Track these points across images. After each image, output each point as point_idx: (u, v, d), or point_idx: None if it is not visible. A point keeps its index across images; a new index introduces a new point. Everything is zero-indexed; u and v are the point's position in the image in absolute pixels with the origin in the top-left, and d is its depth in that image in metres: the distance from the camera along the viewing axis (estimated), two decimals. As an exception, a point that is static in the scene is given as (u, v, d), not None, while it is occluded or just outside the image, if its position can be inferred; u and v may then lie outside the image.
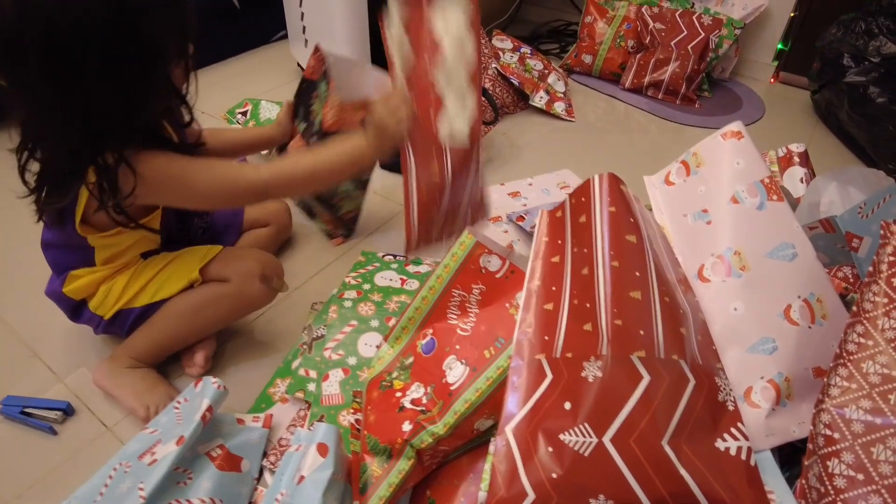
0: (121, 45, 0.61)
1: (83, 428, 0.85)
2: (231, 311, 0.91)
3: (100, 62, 0.60)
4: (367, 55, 1.45)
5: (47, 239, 0.84)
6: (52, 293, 0.87)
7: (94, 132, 0.64)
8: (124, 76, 0.63)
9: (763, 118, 1.77)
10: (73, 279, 0.84)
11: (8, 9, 0.55)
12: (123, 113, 0.65)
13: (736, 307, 0.65)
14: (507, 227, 1.25)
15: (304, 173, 0.80)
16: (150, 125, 0.70)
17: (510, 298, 0.68)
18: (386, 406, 0.69)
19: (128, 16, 0.60)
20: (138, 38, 0.62)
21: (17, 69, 0.59)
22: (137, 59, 0.63)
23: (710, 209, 0.70)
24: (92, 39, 0.59)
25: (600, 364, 0.56)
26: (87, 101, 0.62)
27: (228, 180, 0.76)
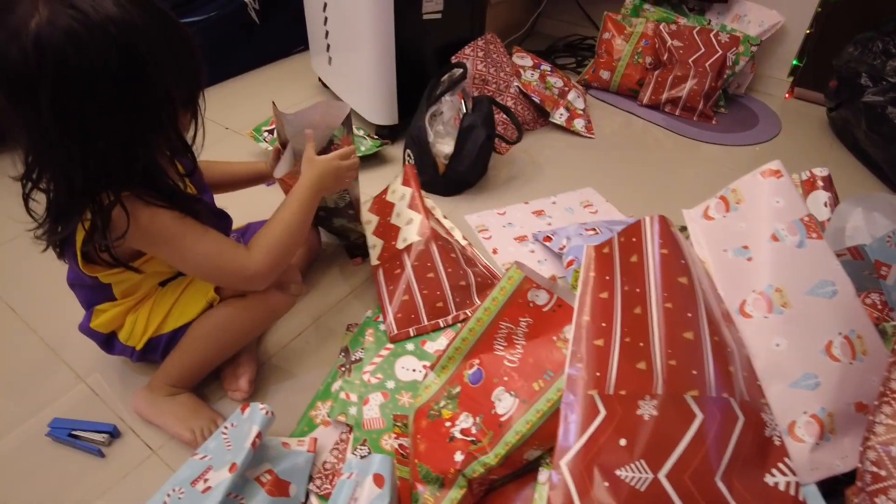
0: (129, 91, 0.62)
1: (129, 451, 0.87)
2: (255, 324, 0.93)
3: (107, 106, 0.62)
4: (393, 68, 1.47)
5: (70, 279, 0.86)
6: (84, 328, 0.90)
7: (94, 172, 0.65)
8: (130, 121, 0.64)
9: (779, 135, 1.79)
10: (98, 314, 0.87)
11: (29, 50, 0.56)
12: (125, 156, 0.66)
13: (778, 343, 0.67)
14: (534, 247, 1.27)
15: (284, 241, 0.83)
16: (151, 170, 0.71)
17: (557, 332, 0.70)
18: (436, 435, 0.71)
19: (139, 64, 0.61)
20: (147, 86, 0.64)
21: (27, 107, 0.60)
22: (144, 106, 0.65)
23: (750, 246, 0.72)
24: (102, 84, 0.60)
25: (655, 403, 0.58)
26: (91, 142, 0.63)
27: (218, 260, 0.78)
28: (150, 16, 0.63)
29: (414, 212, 1.12)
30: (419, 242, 1.06)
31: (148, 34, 0.62)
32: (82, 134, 0.62)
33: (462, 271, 1.05)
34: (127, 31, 0.60)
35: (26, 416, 0.91)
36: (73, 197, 0.67)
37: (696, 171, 1.59)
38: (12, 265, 1.19)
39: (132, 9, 0.61)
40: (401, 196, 1.17)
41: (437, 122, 1.37)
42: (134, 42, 0.60)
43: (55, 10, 0.57)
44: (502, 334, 0.73)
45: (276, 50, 2.10)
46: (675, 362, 0.59)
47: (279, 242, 0.83)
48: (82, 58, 0.58)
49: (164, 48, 0.64)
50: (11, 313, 1.08)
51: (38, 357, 1.00)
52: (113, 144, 0.64)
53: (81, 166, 0.64)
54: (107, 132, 0.63)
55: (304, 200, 0.88)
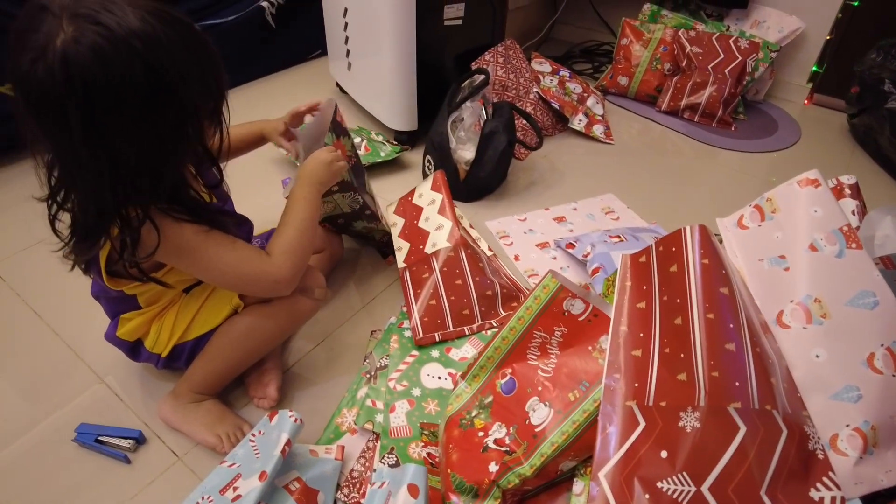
0: (156, 106, 0.62)
1: (155, 457, 0.87)
2: (280, 329, 0.92)
3: (134, 122, 0.61)
4: (414, 74, 1.48)
5: (94, 291, 0.87)
6: (110, 337, 0.90)
7: (122, 189, 0.65)
8: (157, 136, 0.64)
9: (799, 142, 1.78)
10: (123, 322, 0.87)
11: (57, 72, 0.56)
12: (153, 172, 0.66)
13: (818, 354, 0.66)
14: (556, 254, 1.26)
15: (299, 240, 0.83)
16: (177, 184, 0.71)
17: (593, 342, 0.69)
18: (469, 445, 0.71)
19: (164, 79, 0.61)
20: (173, 100, 0.63)
21: (55, 126, 0.60)
22: (171, 120, 0.64)
23: (787, 255, 0.71)
24: (129, 100, 0.60)
25: (698, 415, 0.57)
26: (120, 158, 0.63)
27: (242, 269, 0.78)
28: (173, 29, 0.62)
29: (444, 217, 1.12)
30: (449, 248, 1.07)
31: (172, 48, 0.61)
32: (111, 151, 0.62)
33: (489, 281, 1.04)
34: (151, 45, 0.59)
35: (52, 421, 0.91)
36: (101, 215, 0.66)
37: (716, 178, 1.58)
38: (37, 269, 1.19)
39: (156, 23, 0.60)
40: (430, 201, 1.17)
41: (459, 128, 1.37)
42: (159, 56, 0.60)
43: (80, 27, 0.57)
44: (536, 343, 0.73)
45: (293, 55, 2.11)
46: (718, 374, 0.58)
47: (294, 243, 0.83)
48: (109, 74, 0.57)
49: (189, 61, 0.64)
50: (36, 318, 1.08)
51: (63, 362, 1.00)
52: (141, 160, 0.64)
53: (110, 184, 0.64)
54: (135, 148, 0.63)
55: (305, 196, 0.87)
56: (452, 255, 1.06)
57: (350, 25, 1.57)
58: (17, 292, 1.14)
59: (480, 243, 1.24)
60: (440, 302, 1.04)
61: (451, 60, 1.58)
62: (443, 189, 1.17)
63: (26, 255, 1.22)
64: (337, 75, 1.84)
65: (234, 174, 0.91)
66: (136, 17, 0.59)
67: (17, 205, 1.29)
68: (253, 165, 1.53)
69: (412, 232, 1.15)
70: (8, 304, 1.11)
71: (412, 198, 1.22)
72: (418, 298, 1.05)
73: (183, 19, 0.64)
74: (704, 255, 0.64)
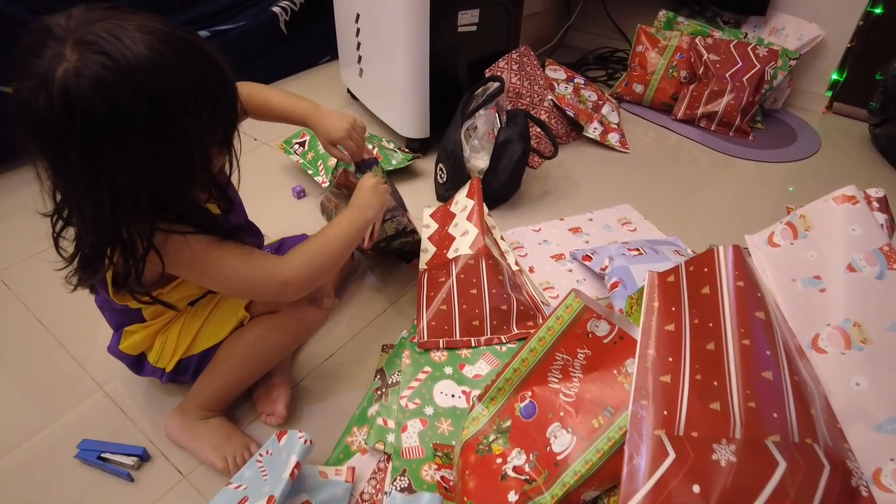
0: (161, 138, 0.59)
1: (159, 475, 0.84)
2: (287, 341, 0.89)
3: (138, 154, 0.58)
4: (426, 81, 1.45)
5: (99, 302, 0.84)
6: (113, 350, 0.87)
7: (123, 219, 0.62)
8: (162, 168, 0.61)
9: (819, 152, 1.74)
10: (127, 335, 0.84)
11: (57, 105, 0.53)
12: (156, 204, 0.63)
13: (858, 382, 0.62)
14: (572, 266, 1.23)
15: (321, 251, 0.80)
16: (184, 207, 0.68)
17: (618, 365, 0.66)
18: (486, 472, 0.67)
19: (170, 111, 0.58)
20: (179, 132, 0.60)
21: (55, 155, 0.58)
22: (177, 152, 0.61)
23: (823, 276, 0.67)
24: (132, 133, 0.57)
25: (733, 448, 0.54)
26: (121, 190, 0.60)
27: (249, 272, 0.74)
28: (183, 57, 0.58)
29: (471, 224, 1.10)
30: (469, 256, 1.04)
31: (181, 78, 0.58)
32: (112, 183, 0.59)
33: (506, 295, 1.01)
34: (158, 77, 0.56)
35: (53, 434, 0.88)
36: (102, 243, 0.64)
37: (734, 188, 1.54)
38: (42, 277, 1.17)
39: (165, 50, 0.56)
40: (462, 207, 1.16)
41: (472, 136, 1.34)
42: (165, 88, 0.57)
43: (83, 56, 0.54)
44: (558, 366, 0.69)
45: (303, 60, 2.09)
46: (755, 404, 0.55)
47: (316, 252, 0.79)
48: (111, 107, 0.54)
49: (199, 90, 0.60)
50: (40, 327, 1.06)
51: (67, 372, 0.98)
52: (144, 192, 0.61)
53: (111, 215, 0.61)
54: (138, 180, 0.60)
55: (346, 216, 0.86)
56: (472, 263, 1.03)
57: (362, 31, 1.54)
58: (21, 301, 1.12)
59: (508, 256, 1.21)
60: (451, 308, 1.01)
61: (465, 67, 1.56)
62: (476, 196, 1.15)
63: (32, 262, 1.20)
64: (348, 81, 1.81)
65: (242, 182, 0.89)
66: (145, 45, 0.55)
67: (22, 212, 1.27)
68: (262, 173, 1.51)
69: (441, 237, 1.14)
70: (12, 312, 1.09)
71: (451, 205, 1.22)
72: (430, 302, 1.03)
73: (197, 44, 0.60)
74: (739, 276, 0.61)
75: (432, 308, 1.02)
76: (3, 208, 1.33)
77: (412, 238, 1.13)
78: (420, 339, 1.00)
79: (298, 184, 1.44)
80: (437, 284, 1.05)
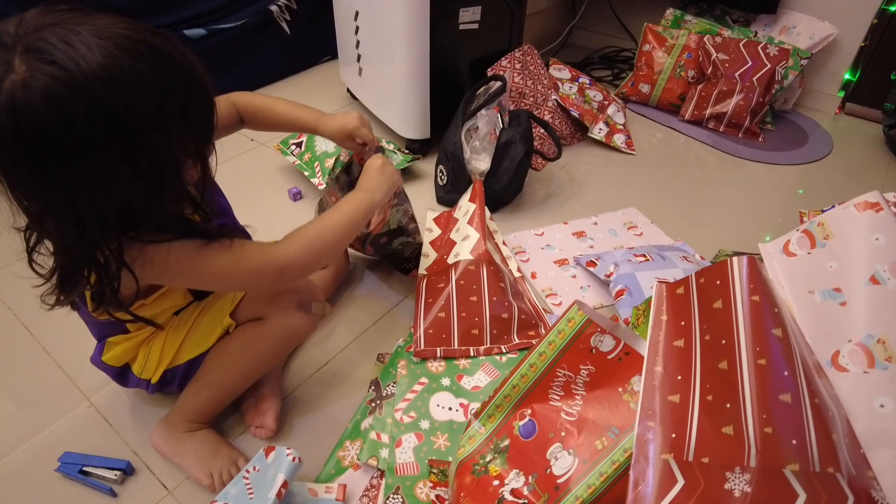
0: (122, 156, 0.54)
1: (144, 490, 0.80)
2: (274, 348, 0.85)
3: (96, 174, 0.53)
4: (427, 81, 1.41)
5: (82, 314, 0.79)
6: (96, 361, 0.84)
7: (90, 239, 0.57)
8: (125, 188, 0.56)
9: (831, 153, 1.69)
10: (110, 346, 0.81)
11: (4, 120, 0.49)
12: (123, 221, 0.59)
13: (882, 404, 0.58)
14: (576, 272, 1.19)
15: (318, 233, 0.75)
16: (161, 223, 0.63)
17: (623, 383, 0.62)
18: (483, 496, 0.63)
19: (131, 125, 0.52)
20: (142, 148, 0.54)
21: (7, 172, 0.53)
22: (141, 170, 0.56)
23: (843, 289, 0.63)
24: (88, 152, 0.52)
25: (748, 477, 0.50)
26: (82, 210, 0.55)
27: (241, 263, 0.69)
28: (146, 64, 0.53)
29: (472, 228, 1.06)
30: (469, 262, 1.01)
31: (143, 87, 0.53)
32: (70, 200, 0.54)
33: (507, 303, 0.97)
34: (116, 88, 0.51)
35: (37, 447, 0.85)
36: (75, 261, 0.60)
37: (743, 191, 1.50)
38: (27, 283, 1.14)
39: (124, 58, 0.51)
40: (465, 212, 1.12)
41: (474, 137, 1.30)
42: (125, 99, 0.51)
43: (33, 66, 0.49)
44: (559, 383, 0.65)
45: (303, 59, 2.05)
46: (772, 430, 0.50)
47: (318, 237, 0.75)
48: (63, 121, 0.50)
49: (165, 100, 0.55)
50: (27, 334, 1.03)
51: (52, 382, 0.95)
52: (110, 209, 0.56)
53: (76, 232, 0.56)
54: (100, 197, 0.55)
55: (350, 199, 0.81)
56: (472, 269, 1.00)
57: (361, 29, 1.51)
58: (8, 306, 1.09)
59: (510, 262, 1.17)
60: (450, 316, 0.97)
61: (466, 66, 1.52)
62: (478, 199, 1.11)
63: (20, 266, 1.16)
64: (348, 81, 1.78)
65: (238, 183, 0.85)
66: (101, 53, 0.50)
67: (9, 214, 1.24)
68: (258, 174, 1.47)
69: (443, 242, 1.11)
70: None
71: (455, 210, 1.18)
72: (429, 309, 0.99)
73: (163, 49, 0.55)
74: (754, 290, 0.56)
75: (430, 315, 0.98)
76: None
77: (413, 240, 1.09)
78: (416, 347, 0.96)
79: (294, 186, 1.40)
80: (436, 291, 1.01)
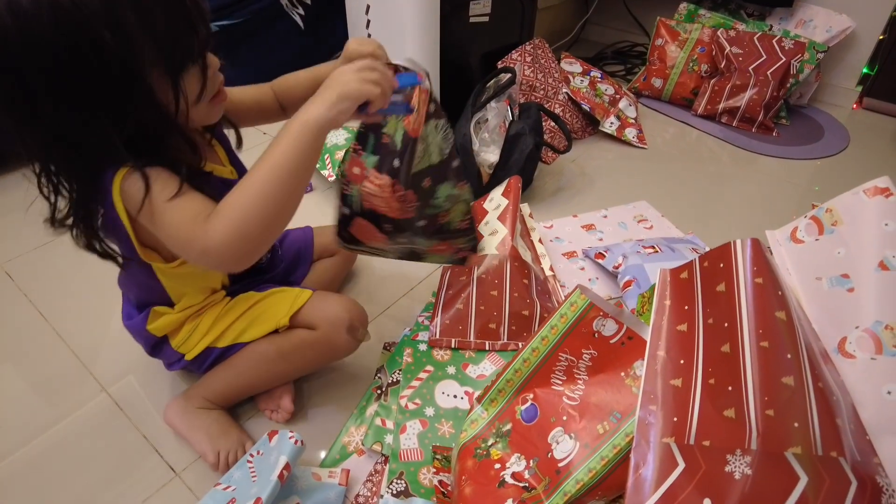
0: (77, 60, 0.52)
1: (152, 472, 0.82)
2: (315, 360, 0.87)
3: (53, 74, 0.52)
4: (437, 73, 1.41)
5: (122, 279, 0.82)
6: (133, 327, 0.84)
7: (61, 154, 0.58)
8: (87, 92, 0.54)
9: (847, 148, 1.66)
10: (156, 315, 0.81)
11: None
12: (96, 135, 0.57)
13: (890, 391, 0.57)
14: (584, 264, 1.18)
15: (259, 196, 0.58)
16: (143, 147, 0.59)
17: (626, 367, 0.61)
18: (484, 479, 0.63)
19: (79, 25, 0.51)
20: (106, 59, 0.52)
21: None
22: (106, 80, 0.54)
23: (851, 275, 0.62)
24: (47, 57, 0.51)
25: (749, 459, 0.49)
26: (47, 123, 0.55)
27: (182, 229, 0.60)
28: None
29: (501, 224, 1.06)
30: (494, 256, 1.01)
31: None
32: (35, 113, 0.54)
33: (529, 300, 0.97)
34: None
35: (48, 426, 0.87)
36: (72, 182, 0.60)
37: (756, 186, 1.48)
38: (46, 270, 1.16)
39: None
40: (496, 206, 1.11)
41: (483, 129, 1.30)
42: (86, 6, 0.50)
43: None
44: (561, 367, 0.65)
45: (315, 52, 2.06)
46: (773, 412, 0.50)
47: (249, 200, 0.58)
48: (16, 17, 0.50)
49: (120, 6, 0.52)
50: (41, 320, 1.05)
51: (66, 367, 0.96)
52: (73, 124, 0.55)
53: (56, 154, 0.57)
54: (63, 109, 0.54)
55: (301, 119, 0.58)
56: (496, 264, 0.99)
57: (372, 23, 1.51)
58: (24, 293, 1.11)
59: (543, 261, 1.16)
60: (468, 308, 0.97)
61: (477, 59, 1.52)
62: (511, 195, 1.11)
63: (37, 254, 1.19)
64: (359, 75, 1.78)
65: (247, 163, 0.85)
66: None
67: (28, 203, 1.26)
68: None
69: None
70: (15, 304, 1.08)
71: (484, 202, 1.17)
72: (449, 300, 1.00)
73: None
74: (757, 273, 0.56)
75: (449, 308, 0.99)
76: (8, 203, 1.33)
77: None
78: (432, 335, 0.96)
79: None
80: (458, 283, 1.02)
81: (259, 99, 0.85)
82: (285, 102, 0.88)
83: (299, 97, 0.76)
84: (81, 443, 0.85)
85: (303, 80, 0.86)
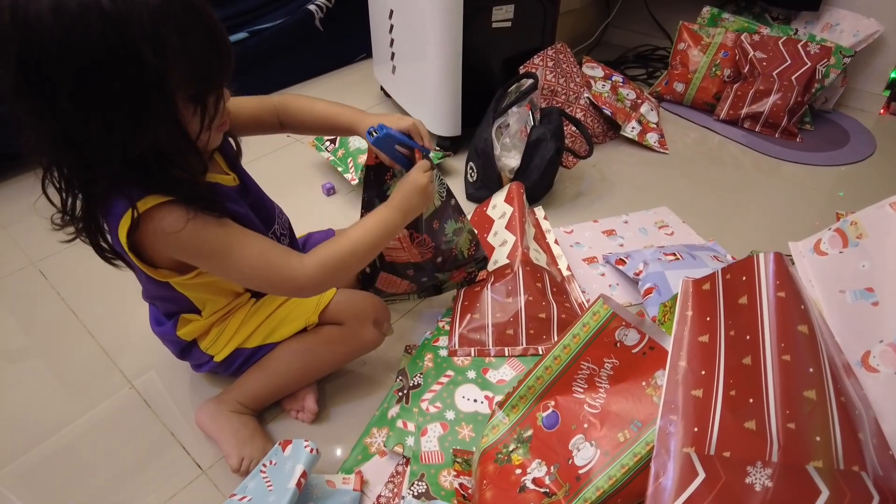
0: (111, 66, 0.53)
1: (180, 469, 0.84)
2: (344, 355, 0.90)
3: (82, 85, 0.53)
4: (459, 78, 1.42)
5: (146, 295, 0.83)
6: (162, 333, 0.86)
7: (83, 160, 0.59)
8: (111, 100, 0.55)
9: (874, 154, 1.64)
10: (185, 322, 0.83)
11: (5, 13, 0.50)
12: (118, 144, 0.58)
13: (914, 405, 0.57)
14: (605, 270, 1.19)
15: (346, 260, 0.74)
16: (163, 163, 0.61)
17: (647, 377, 0.62)
18: (505, 484, 0.65)
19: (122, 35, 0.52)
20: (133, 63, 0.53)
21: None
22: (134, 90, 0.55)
23: (876, 288, 0.62)
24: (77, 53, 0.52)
25: (770, 472, 0.50)
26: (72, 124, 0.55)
27: (266, 270, 0.69)
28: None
29: (510, 233, 1.08)
30: (506, 266, 1.03)
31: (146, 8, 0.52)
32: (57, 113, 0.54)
33: (545, 303, 0.98)
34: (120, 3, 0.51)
35: (74, 418, 0.90)
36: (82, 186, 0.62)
37: (779, 193, 1.47)
38: (78, 267, 1.20)
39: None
40: (501, 213, 1.12)
41: (504, 134, 1.31)
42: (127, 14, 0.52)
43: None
44: (583, 376, 0.66)
45: (338, 57, 2.09)
46: (795, 426, 0.50)
47: (340, 261, 0.74)
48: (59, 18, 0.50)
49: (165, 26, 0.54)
50: (73, 317, 1.08)
51: (95, 364, 1.00)
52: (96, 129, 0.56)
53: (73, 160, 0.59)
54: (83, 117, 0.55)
55: (384, 219, 0.78)
56: (508, 272, 1.01)
57: (395, 27, 1.53)
58: (56, 290, 1.15)
59: (560, 262, 1.16)
60: (484, 318, 0.99)
61: (499, 64, 1.53)
62: (515, 202, 1.12)
63: (69, 252, 1.23)
64: (381, 78, 1.81)
65: (273, 178, 0.87)
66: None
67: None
68: (293, 169, 1.51)
69: (482, 245, 1.09)
70: (47, 301, 1.12)
71: (486, 208, 1.18)
72: (466, 312, 1.01)
73: None
74: (780, 286, 0.56)
75: (466, 319, 1.00)
76: (42, 202, 1.37)
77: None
78: (450, 348, 0.98)
79: (328, 181, 1.43)
80: (473, 294, 1.03)
81: (257, 114, 0.85)
82: (287, 122, 0.88)
83: (306, 126, 0.89)
84: (108, 435, 0.88)
85: (318, 113, 0.88)
